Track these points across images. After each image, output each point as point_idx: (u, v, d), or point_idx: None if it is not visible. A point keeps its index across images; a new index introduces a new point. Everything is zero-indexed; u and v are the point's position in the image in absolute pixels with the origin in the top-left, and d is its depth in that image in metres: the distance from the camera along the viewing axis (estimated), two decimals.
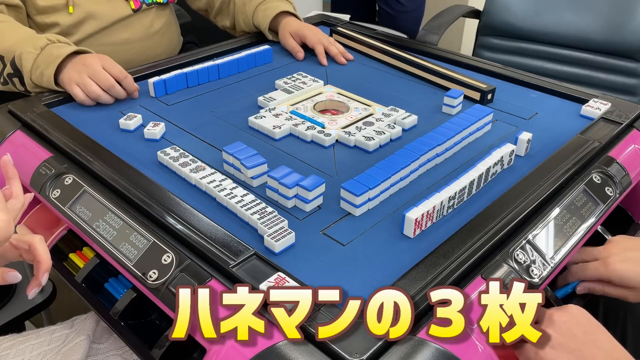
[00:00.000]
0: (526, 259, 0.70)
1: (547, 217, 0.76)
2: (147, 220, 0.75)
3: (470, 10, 1.81)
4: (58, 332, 0.88)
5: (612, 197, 0.84)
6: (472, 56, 1.31)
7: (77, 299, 0.89)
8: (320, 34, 1.30)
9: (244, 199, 0.77)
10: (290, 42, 1.30)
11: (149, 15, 1.32)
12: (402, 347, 0.56)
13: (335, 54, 1.28)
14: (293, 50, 1.30)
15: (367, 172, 0.80)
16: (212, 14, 1.45)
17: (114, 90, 1.03)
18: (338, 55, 1.27)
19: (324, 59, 1.27)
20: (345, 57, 1.28)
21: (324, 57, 1.27)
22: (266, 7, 1.32)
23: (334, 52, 1.28)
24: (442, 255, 0.67)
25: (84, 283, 0.88)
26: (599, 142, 0.90)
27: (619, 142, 0.94)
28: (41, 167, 0.87)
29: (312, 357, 0.55)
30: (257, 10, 1.32)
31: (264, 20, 1.31)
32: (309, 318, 0.58)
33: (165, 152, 0.88)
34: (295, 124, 0.97)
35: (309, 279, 0.65)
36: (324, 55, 1.27)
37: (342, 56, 1.28)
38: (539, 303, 0.58)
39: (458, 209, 0.79)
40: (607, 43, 1.62)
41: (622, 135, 0.96)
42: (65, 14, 1.19)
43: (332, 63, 1.27)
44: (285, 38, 1.31)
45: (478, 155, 0.91)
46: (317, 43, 1.28)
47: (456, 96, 1.03)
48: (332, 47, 1.28)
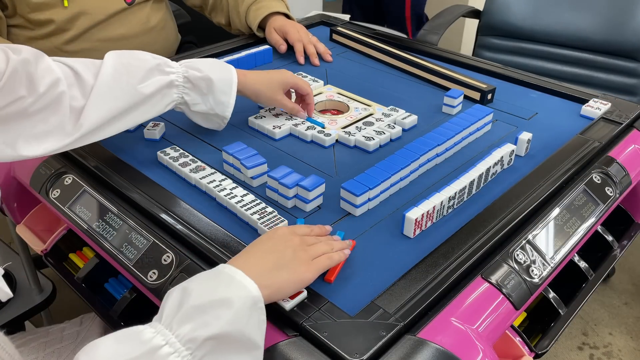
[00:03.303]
0: (526, 259, 0.70)
1: (547, 217, 0.76)
2: (147, 220, 0.75)
3: (470, 10, 1.81)
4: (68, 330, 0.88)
5: (612, 197, 0.84)
6: (472, 56, 1.31)
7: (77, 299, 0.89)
8: (302, 32, 1.30)
9: (243, 199, 0.77)
10: (274, 36, 1.30)
11: (144, 10, 1.32)
12: (402, 347, 0.56)
13: (311, 54, 1.27)
14: (276, 44, 1.29)
15: (367, 172, 0.80)
16: (207, 11, 1.46)
17: None
18: (312, 56, 1.26)
19: (301, 58, 1.27)
20: (324, 59, 1.28)
21: (302, 55, 1.27)
22: (258, 7, 1.32)
23: (309, 51, 1.27)
24: (442, 255, 0.67)
25: (84, 283, 0.88)
26: (599, 142, 0.90)
27: (619, 142, 0.94)
28: (41, 167, 0.87)
29: (312, 357, 0.55)
30: (249, 10, 1.33)
31: (254, 20, 1.31)
32: (309, 318, 0.58)
33: (165, 152, 0.88)
34: (295, 124, 0.97)
35: None
36: (302, 54, 1.27)
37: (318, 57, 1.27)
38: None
39: (458, 209, 0.79)
40: (607, 43, 1.62)
41: (622, 135, 0.96)
42: (60, 10, 1.19)
43: (332, 63, 1.27)
44: (269, 33, 1.31)
45: (478, 155, 0.91)
46: (297, 41, 1.28)
47: (456, 96, 1.03)
48: (309, 46, 1.27)
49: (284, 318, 0.60)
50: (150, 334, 0.51)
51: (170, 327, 0.51)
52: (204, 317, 0.51)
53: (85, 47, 1.26)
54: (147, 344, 0.50)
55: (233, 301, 0.53)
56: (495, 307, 0.64)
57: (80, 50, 1.26)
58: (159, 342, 0.50)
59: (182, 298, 0.53)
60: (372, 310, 0.59)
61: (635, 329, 1.60)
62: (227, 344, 0.52)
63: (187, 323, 0.51)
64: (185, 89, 0.86)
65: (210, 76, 0.86)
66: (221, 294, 0.53)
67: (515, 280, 0.67)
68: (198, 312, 0.52)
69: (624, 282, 1.77)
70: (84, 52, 1.26)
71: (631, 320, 1.63)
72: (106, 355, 0.49)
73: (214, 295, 0.53)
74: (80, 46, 1.25)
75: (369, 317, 0.59)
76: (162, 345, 0.50)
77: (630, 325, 1.61)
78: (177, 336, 0.51)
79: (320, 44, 1.30)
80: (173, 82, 0.85)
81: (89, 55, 1.26)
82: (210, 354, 0.51)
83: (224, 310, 0.52)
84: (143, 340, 0.50)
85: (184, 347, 0.50)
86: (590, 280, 0.86)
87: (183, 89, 0.86)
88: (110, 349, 0.49)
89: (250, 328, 0.53)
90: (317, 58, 1.27)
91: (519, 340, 0.72)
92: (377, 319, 0.58)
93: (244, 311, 0.53)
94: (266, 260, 0.60)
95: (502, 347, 0.71)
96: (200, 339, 0.51)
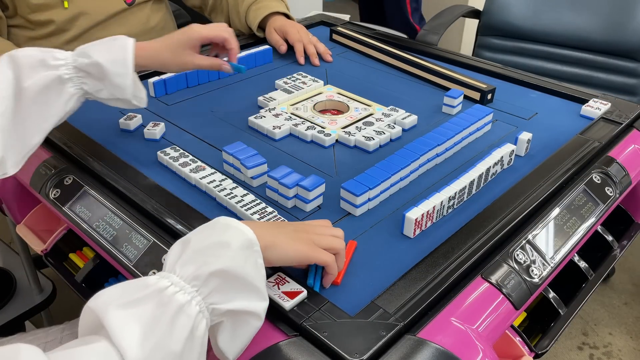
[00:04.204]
0: (526, 259, 0.70)
1: (547, 217, 0.76)
2: (147, 220, 0.75)
3: (470, 10, 1.81)
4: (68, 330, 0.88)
5: (612, 197, 0.84)
6: (472, 56, 1.31)
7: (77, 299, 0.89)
8: (302, 33, 1.30)
9: (244, 199, 0.77)
10: (274, 36, 1.30)
11: (144, 10, 1.32)
12: (402, 347, 0.56)
13: (311, 54, 1.27)
14: (276, 44, 1.29)
15: (367, 172, 0.80)
16: (207, 11, 1.46)
17: None
18: (313, 56, 1.26)
19: (301, 58, 1.26)
20: (324, 59, 1.27)
21: (302, 55, 1.27)
22: (258, 7, 1.32)
23: (310, 51, 1.27)
24: (442, 255, 0.67)
25: (84, 283, 0.88)
26: (599, 142, 0.90)
27: (619, 142, 0.94)
28: (41, 167, 0.87)
29: (312, 357, 0.55)
30: (249, 10, 1.33)
31: (254, 20, 1.31)
32: (309, 318, 0.58)
33: (165, 152, 0.88)
34: (295, 124, 0.97)
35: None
36: (302, 54, 1.27)
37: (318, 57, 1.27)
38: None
39: (458, 209, 0.79)
40: (607, 43, 1.62)
41: (622, 135, 0.96)
42: (60, 10, 1.20)
43: (332, 63, 1.27)
44: (270, 33, 1.31)
45: (478, 155, 0.91)
46: (297, 41, 1.27)
47: (456, 96, 1.03)
48: (309, 47, 1.27)
49: (284, 318, 0.60)
50: (155, 279, 0.52)
51: (173, 271, 0.53)
52: (204, 257, 0.53)
53: None
54: (153, 286, 0.51)
55: (230, 242, 0.55)
56: (495, 307, 0.64)
57: None
58: (165, 283, 0.51)
59: (183, 247, 0.55)
60: (372, 310, 0.59)
61: (635, 329, 1.60)
62: (231, 282, 0.54)
63: (190, 265, 0.53)
64: (80, 79, 0.79)
65: (98, 61, 0.78)
66: (219, 237, 0.55)
67: (515, 280, 0.67)
68: (198, 254, 0.54)
69: (624, 282, 1.77)
70: None
71: (631, 320, 1.63)
72: (112, 297, 0.50)
73: (212, 239, 0.55)
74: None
75: (369, 317, 0.59)
76: (167, 285, 0.51)
77: (630, 325, 1.61)
78: (181, 277, 0.52)
79: (320, 44, 1.30)
80: (61, 76, 0.77)
81: None
82: (215, 291, 0.53)
83: (223, 250, 0.54)
84: (148, 283, 0.51)
85: (189, 285, 0.52)
86: (590, 280, 0.86)
87: (77, 79, 0.78)
88: (117, 292, 0.50)
89: (249, 269, 0.55)
90: (317, 58, 1.27)
91: (519, 340, 0.72)
92: (377, 319, 0.58)
93: (242, 251, 0.55)
94: (267, 225, 0.63)
95: (502, 347, 0.71)
96: (203, 275, 0.52)
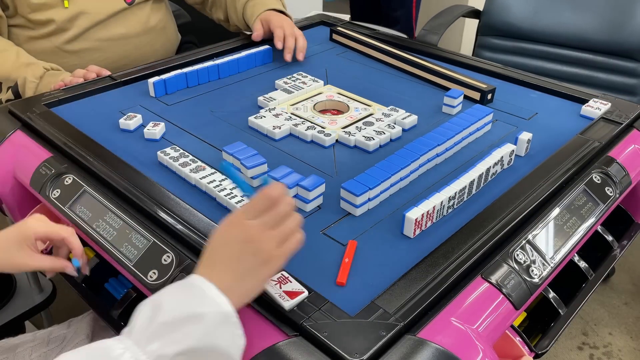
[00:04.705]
0: (526, 259, 0.70)
1: (547, 217, 0.76)
2: (147, 220, 0.75)
3: (470, 10, 1.81)
4: (55, 333, 0.88)
5: (612, 197, 0.84)
6: (472, 56, 1.31)
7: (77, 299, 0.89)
8: (286, 23, 1.26)
9: (244, 199, 0.77)
10: (256, 25, 1.28)
11: (144, 9, 1.32)
12: (402, 347, 0.56)
13: (287, 48, 1.23)
14: (256, 32, 1.28)
15: (367, 172, 0.80)
16: (207, 6, 1.46)
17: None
18: (287, 50, 1.23)
19: (279, 43, 1.23)
20: (297, 56, 1.24)
21: (281, 41, 1.23)
22: (255, 3, 1.32)
23: (287, 44, 1.23)
24: (442, 255, 0.67)
25: (84, 283, 0.88)
26: (599, 142, 0.90)
27: (619, 142, 0.94)
28: (41, 167, 0.87)
29: (312, 357, 0.55)
30: (246, 6, 1.33)
31: (251, 16, 1.31)
32: (309, 318, 0.58)
33: (165, 152, 0.88)
34: (295, 124, 0.97)
35: (309, 279, 0.64)
36: (280, 39, 1.23)
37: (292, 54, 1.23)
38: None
39: (458, 209, 0.79)
40: (607, 43, 1.62)
41: (622, 135, 0.96)
42: (60, 10, 1.20)
43: (332, 63, 1.27)
44: (254, 23, 1.29)
45: (478, 155, 0.91)
46: (278, 27, 1.25)
47: (456, 96, 1.03)
48: (289, 39, 1.24)
49: (284, 318, 0.60)
50: (119, 349, 0.50)
51: (139, 344, 0.51)
52: (173, 334, 0.51)
53: (85, 47, 1.26)
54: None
55: (203, 316, 0.52)
56: (495, 307, 0.64)
57: (80, 50, 1.26)
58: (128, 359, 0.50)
59: (153, 313, 0.53)
60: (372, 310, 0.59)
61: (635, 329, 1.60)
62: (200, 357, 0.52)
63: (157, 340, 0.51)
64: None
65: None
66: (192, 308, 0.53)
67: (515, 280, 0.67)
68: (168, 329, 0.52)
69: (624, 282, 1.77)
70: (84, 51, 1.27)
71: (631, 320, 1.63)
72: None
73: (185, 309, 0.53)
74: (80, 46, 1.26)
75: (369, 317, 0.59)
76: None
77: (630, 325, 1.61)
78: (145, 353, 0.50)
79: (302, 40, 1.26)
80: None
81: (90, 54, 1.27)
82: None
83: (194, 325, 0.52)
84: (112, 356, 0.50)
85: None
86: (590, 280, 0.86)
87: None
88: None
89: (223, 342, 0.53)
90: (292, 54, 1.24)
91: (519, 340, 0.72)
92: (377, 319, 0.58)
93: (215, 326, 0.53)
94: (231, 269, 0.57)
95: (502, 347, 0.71)
96: (169, 355, 0.51)
